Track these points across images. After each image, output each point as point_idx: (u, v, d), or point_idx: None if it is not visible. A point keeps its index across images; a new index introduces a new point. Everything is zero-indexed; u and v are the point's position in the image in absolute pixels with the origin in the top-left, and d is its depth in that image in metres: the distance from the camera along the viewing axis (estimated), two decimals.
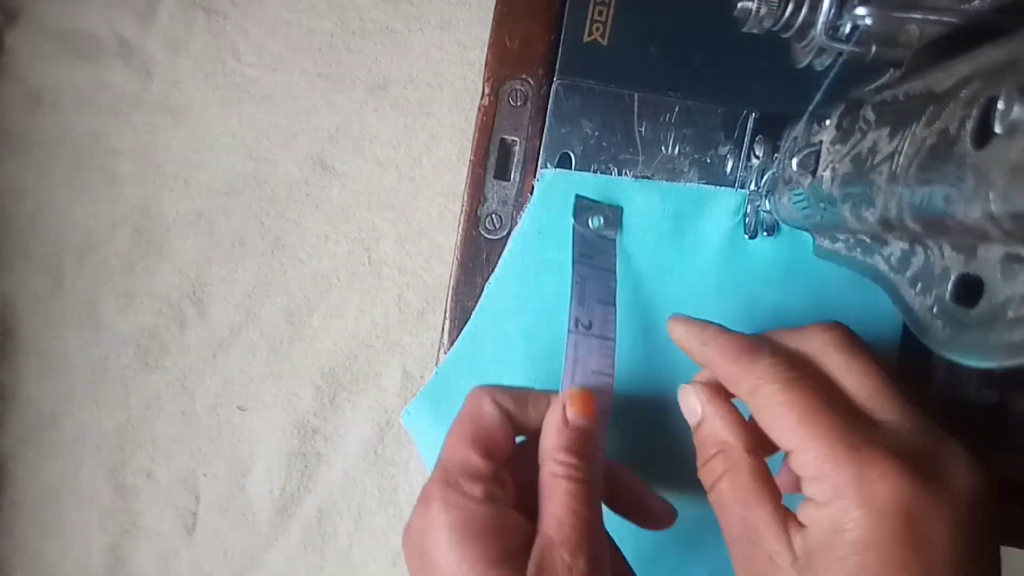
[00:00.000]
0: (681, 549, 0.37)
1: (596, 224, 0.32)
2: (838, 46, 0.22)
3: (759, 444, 0.24)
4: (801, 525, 0.21)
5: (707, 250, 0.32)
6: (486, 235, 0.33)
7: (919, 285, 0.20)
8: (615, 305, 0.31)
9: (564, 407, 0.26)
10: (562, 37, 0.32)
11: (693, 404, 0.26)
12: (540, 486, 0.24)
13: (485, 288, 0.32)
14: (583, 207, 0.32)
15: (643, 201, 0.32)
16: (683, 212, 0.32)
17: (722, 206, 0.32)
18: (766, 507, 0.22)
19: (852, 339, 0.24)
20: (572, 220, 0.32)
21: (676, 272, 0.32)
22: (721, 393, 0.25)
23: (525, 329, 0.32)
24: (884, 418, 0.22)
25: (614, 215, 0.32)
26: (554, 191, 0.32)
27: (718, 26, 0.31)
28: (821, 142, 0.26)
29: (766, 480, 0.23)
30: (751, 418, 0.24)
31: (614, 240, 0.32)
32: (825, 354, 0.23)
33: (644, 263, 0.32)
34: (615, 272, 0.32)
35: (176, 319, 0.43)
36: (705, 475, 0.25)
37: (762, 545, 0.22)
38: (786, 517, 0.22)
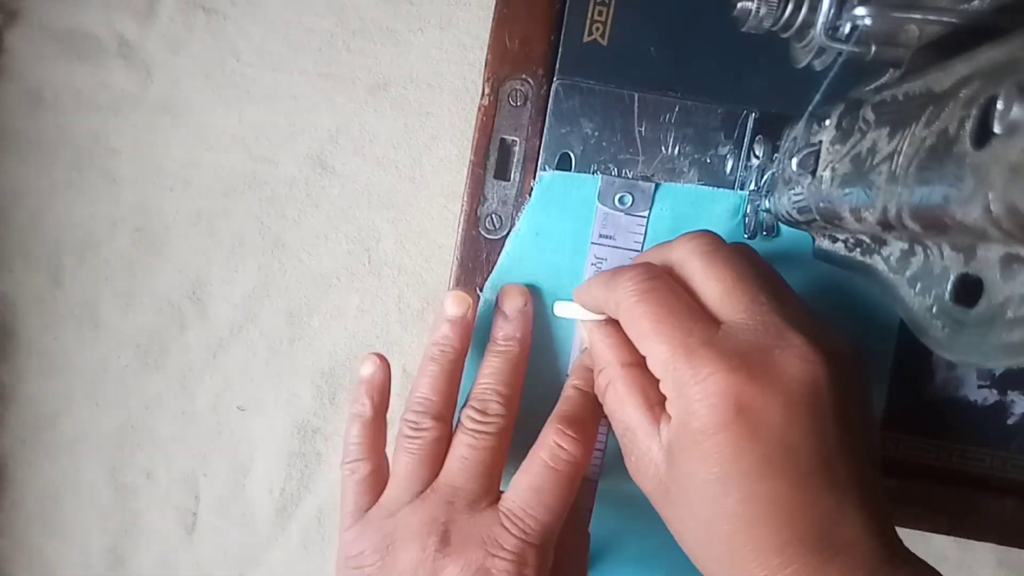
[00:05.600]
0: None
1: (625, 203, 0.32)
2: (838, 46, 0.22)
3: (638, 359, 0.26)
4: (670, 418, 0.24)
5: None
6: (486, 235, 0.33)
7: (918, 285, 0.20)
8: None
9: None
10: (562, 37, 0.32)
11: (582, 332, 0.30)
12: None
13: (481, 294, 0.32)
14: (608, 185, 0.32)
15: None
16: (682, 214, 0.32)
17: (721, 207, 0.32)
18: (638, 410, 0.25)
19: (712, 245, 0.26)
20: (596, 202, 0.32)
21: None
22: (605, 321, 0.28)
23: None
24: (728, 319, 0.24)
25: (645, 193, 0.32)
26: (552, 192, 0.32)
27: (718, 26, 0.31)
28: (821, 142, 0.26)
29: (640, 388, 0.25)
30: None
31: (644, 217, 0.32)
32: (687, 262, 0.25)
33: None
34: (641, 251, 0.32)
35: (176, 319, 0.43)
36: (597, 391, 0.28)
37: (637, 441, 0.25)
38: (660, 416, 0.24)
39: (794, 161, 0.26)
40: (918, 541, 0.44)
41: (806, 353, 0.22)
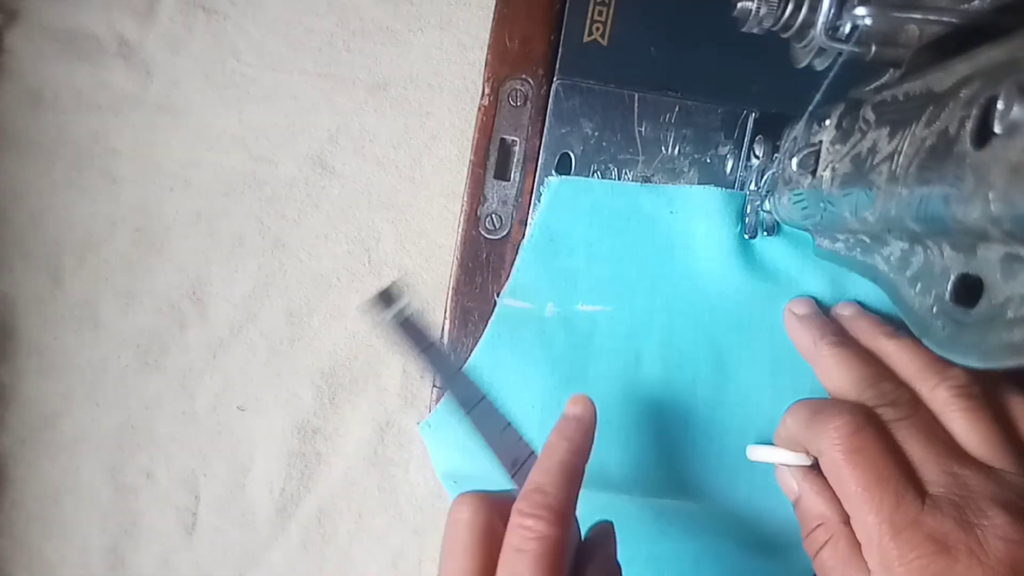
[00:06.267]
0: (697, 554, 0.37)
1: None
2: (838, 46, 0.22)
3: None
4: None
5: (718, 249, 0.32)
6: (486, 235, 0.33)
7: (919, 285, 0.20)
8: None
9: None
10: (562, 37, 0.32)
11: (790, 482, 0.28)
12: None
13: (500, 300, 0.32)
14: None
15: (650, 204, 0.32)
16: (691, 213, 0.32)
17: (722, 207, 0.32)
18: (861, 572, 0.24)
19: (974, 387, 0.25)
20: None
21: (689, 272, 0.32)
22: (814, 470, 0.27)
23: (542, 336, 0.32)
24: (933, 490, 0.23)
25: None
26: (561, 197, 0.32)
27: (718, 26, 0.31)
28: (821, 142, 0.26)
29: (860, 549, 0.24)
30: None
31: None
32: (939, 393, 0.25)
33: (656, 266, 0.32)
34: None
35: (176, 319, 0.43)
36: (808, 545, 0.27)
37: None
38: None
39: (794, 161, 0.26)
40: None
41: (1009, 533, 0.22)
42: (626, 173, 0.32)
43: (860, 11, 0.21)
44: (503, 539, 0.24)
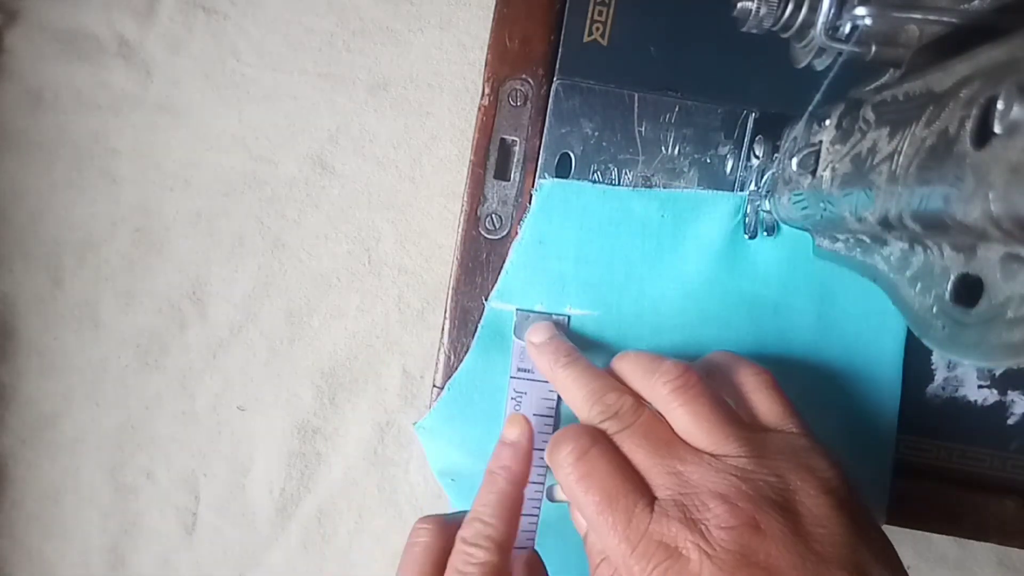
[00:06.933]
0: None
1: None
2: (838, 46, 0.22)
3: None
4: None
5: (707, 253, 0.32)
6: (486, 235, 0.33)
7: (919, 285, 0.20)
8: (554, 417, 0.31)
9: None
10: (562, 37, 0.32)
11: (579, 519, 0.28)
12: None
13: (487, 303, 0.32)
14: (523, 319, 0.32)
15: (641, 209, 0.32)
16: (681, 217, 0.32)
17: (721, 209, 0.32)
18: None
19: (628, 418, 0.26)
20: (513, 336, 0.32)
21: (678, 277, 0.32)
22: None
23: None
24: (660, 494, 0.24)
25: (559, 326, 0.32)
26: (553, 200, 0.32)
27: (718, 26, 0.31)
28: (821, 142, 0.26)
29: None
30: None
31: None
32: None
33: (645, 270, 0.32)
34: None
35: (176, 319, 0.43)
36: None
37: None
38: None
39: (794, 161, 0.26)
40: (918, 541, 0.44)
41: (728, 520, 0.22)
42: (626, 173, 0.32)
43: (860, 11, 0.21)
44: None
